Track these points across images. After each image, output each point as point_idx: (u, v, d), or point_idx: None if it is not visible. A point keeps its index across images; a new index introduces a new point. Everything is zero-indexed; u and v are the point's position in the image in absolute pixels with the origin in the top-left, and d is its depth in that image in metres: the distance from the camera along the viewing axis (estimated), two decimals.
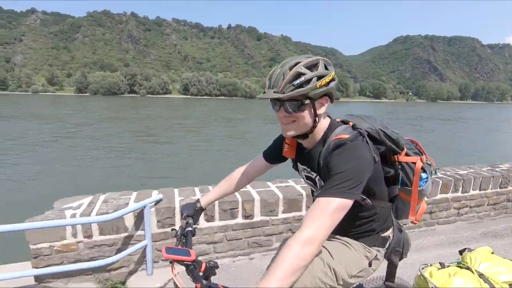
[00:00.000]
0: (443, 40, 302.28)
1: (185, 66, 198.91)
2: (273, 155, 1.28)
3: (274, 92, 0.95)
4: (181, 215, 1.26)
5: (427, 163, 1.15)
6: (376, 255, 1.18)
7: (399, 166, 1.14)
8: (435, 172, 1.18)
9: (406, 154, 1.13)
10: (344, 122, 1.09)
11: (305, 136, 1.05)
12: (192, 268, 0.93)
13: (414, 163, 1.12)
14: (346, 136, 0.99)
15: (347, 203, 0.90)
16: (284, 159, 1.25)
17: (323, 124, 1.06)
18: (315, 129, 1.04)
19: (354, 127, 1.03)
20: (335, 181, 0.90)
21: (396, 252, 1.19)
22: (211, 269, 0.95)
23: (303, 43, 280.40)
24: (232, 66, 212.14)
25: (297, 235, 0.84)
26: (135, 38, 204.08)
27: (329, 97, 1.03)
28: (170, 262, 0.97)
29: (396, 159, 1.13)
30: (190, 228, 1.16)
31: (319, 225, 0.85)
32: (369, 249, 1.17)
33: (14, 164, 13.46)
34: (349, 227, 1.15)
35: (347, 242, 1.17)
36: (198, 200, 1.32)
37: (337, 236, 1.18)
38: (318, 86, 0.96)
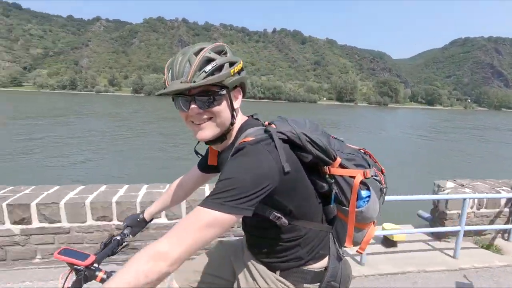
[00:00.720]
0: (510, 42, 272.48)
1: None
2: (204, 163, 1.10)
3: (182, 82, 0.77)
4: (123, 225, 1.19)
5: (376, 179, 0.92)
6: None
7: (332, 180, 0.91)
8: (383, 191, 0.94)
9: (342, 166, 0.89)
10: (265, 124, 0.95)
11: (222, 137, 0.90)
12: (81, 273, 0.87)
13: (353, 177, 0.88)
14: (251, 138, 0.83)
15: (225, 218, 0.71)
16: (215, 168, 1.04)
17: (237, 123, 0.91)
18: (232, 127, 0.90)
19: (266, 130, 0.86)
20: (216, 190, 0.74)
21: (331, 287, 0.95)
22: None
23: (348, 46, 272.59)
24: (275, 69, 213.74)
25: (149, 247, 0.69)
26: (185, 42, 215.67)
27: (242, 89, 0.90)
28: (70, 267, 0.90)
29: (328, 171, 0.90)
30: (118, 237, 1.09)
31: (179, 240, 0.69)
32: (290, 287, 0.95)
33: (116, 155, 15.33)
34: (268, 254, 0.96)
35: (253, 284, 0.98)
36: (142, 212, 1.24)
37: (252, 268, 1.00)
38: (231, 74, 0.81)
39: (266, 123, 0.94)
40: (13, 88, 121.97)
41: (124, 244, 1.10)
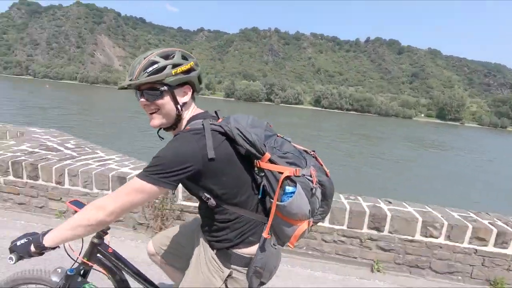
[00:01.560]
0: None
1: (316, 78, 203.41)
2: None
3: (130, 80, 0.97)
4: None
5: (308, 179, 0.96)
6: (232, 274, 1.05)
7: (262, 174, 1.00)
8: (314, 191, 0.96)
9: (271, 161, 0.97)
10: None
11: (173, 126, 1.06)
12: None
13: (281, 173, 0.95)
14: (187, 129, 1.00)
15: (149, 187, 0.91)
16: None
17: (187, 115, 1.06)
18: (181, 118, 1.05)
19: (203, 123, 0.99)
20: (148, 165, 0.94)
21: (257, 274, 1.02)
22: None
23: (456, 57, 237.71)
24: (365, 80, 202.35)
25: (96, 200, 0.96)
26: (275, 51, 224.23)
27: (191, 86, 1.05)
28: None
29: (258, 164, 0.99)
30: None
31: (115, 198, 0.93)
32: (220, 266, 1.05)
33: None
34: (207, 229, 1.10)
35: (199, 255, 1.12)
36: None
37: (201, 244, 1.13)
38: (173, 73, 0.97)
39: (220, 119, 1.05)
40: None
41: None
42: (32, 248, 0.98)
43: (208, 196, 0.99)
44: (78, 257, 1.17)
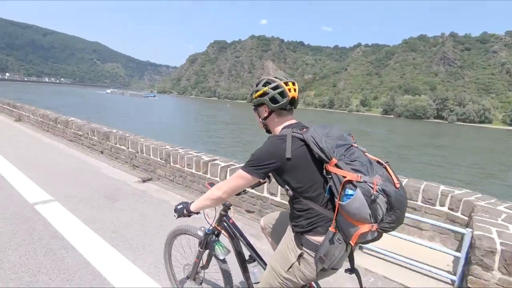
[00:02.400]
0: None
1: None
2: None
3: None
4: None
5: (369, 185, 1.07)
6: (303, 255, 1.27)
7: (329, 176, 1.17)
8: (374, 197, 1.06)
9: (337, 166, 1.14)
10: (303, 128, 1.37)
11: (268, 132, 1.45)
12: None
13: (344, 176, 1.11)
14: (277, 134, 1.36)
15: (244, 174, 1.29)
16: None
17: (279, 125, 1.39)
18: (268, 127, 1.44)
19: (286, 131, 1.30)
20: (248, 159, 1.31)
21: (321, 260, 1.20)
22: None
23: None
24: None
25: (218, 183, 1.45)
26: (448, 59, 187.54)
27: (267, 106, 1.37)
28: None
29: (326, 167, 1.18)
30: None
31: (227, 182, 1.38)
32: (295, 246, 1.30)
33: None
34: (290, 215, 1.37)
35: (286, 234, 1.40)
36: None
37: (289, 227, 1.40)
38: (253, 97, 1.41)
39: (304, 129, 1.32)
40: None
41: (246, 191, 1.79)
42: (185, 211, 1.56)
43: (287, 188, 1.28)
44: (212, 222, 1.71)
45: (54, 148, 6.53)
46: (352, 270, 1.32)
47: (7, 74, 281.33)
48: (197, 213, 1.56)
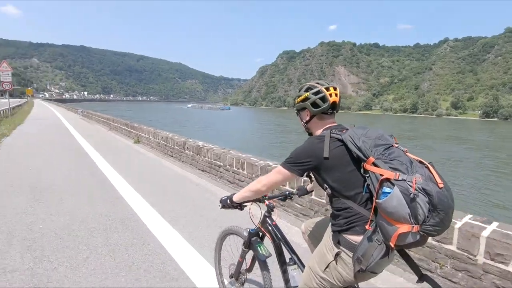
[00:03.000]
0: None
1: None
2: None
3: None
4: (295, 189, 1.98)
5: (408, 184, 1.05)
6: (341, 254, 1.26)
7: (367, 174, 1.19)
8: (412, 196, 1.04)
9: (374, 164, 1.15)
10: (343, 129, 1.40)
11: (310, 133, 1.50)
12: (269, 205, 1.73)
13: (382, 175, 1.11)
14: (316, 135, 1.42)
15: (283, 170, 1.37)
16: None
17: (320, 127, 1.43)
18: (310, 130, 1.49)
19: (325, 133, 1.36)
20: (287, 157, 1.39)
21: (358, 260, 1.18)
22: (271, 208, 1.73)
23: None
24: None
25: (259, 177, 1.58)
26: None
27: (308, 110, 1.43)
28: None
29: (364, 166, 1.20)
30: (291, 193, 1.87)
31: (267, 176, 1.45)
32: (332, 245, 1.30)
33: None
34: (331, 213, 1.38)
35: (325, 234, 1.41)
36: (307, 185, 1.94)
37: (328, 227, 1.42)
38: (296, 103, 1.48)
39: (343, 131, 1.35)
40: (364, 111, 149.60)
41: (292, 197, 1.86)
42: (228, 201, 1.65)
43: (326, 186, 1.32)
44: (256, 222, 1.77)
45: (183, 178, 5.55)
46: (420, 278, 1.21)
47: (111, 95, 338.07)
48: (240, 206, 1.66)
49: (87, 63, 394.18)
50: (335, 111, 1.44)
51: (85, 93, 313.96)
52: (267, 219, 1.74)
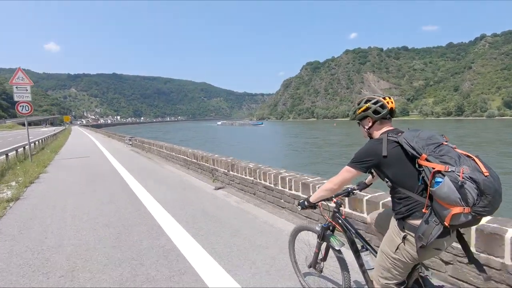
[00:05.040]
0: None
1: None
2: None
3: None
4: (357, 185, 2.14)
5: (456, 174, 1.26)
6: (407, 237, 1.48)
7: (421, 168, 1.40)
8: (460, 183, 1.24)
9: (427, 160, 1.37)
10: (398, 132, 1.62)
11: (370, 138, 1.73)
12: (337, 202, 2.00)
13: (434, 168, 1.32)
14: (376, 138, 1.66)
15: (350, 169, 1.61)
16: None
17: (379, 132, 1.66)
18: (371, 134, 1.71)
19: (383, 136, 1.59)
20: (352, 157, 1.63)
21: (419, 238, 1.38)
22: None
23: None
24: None
25: (331, 178, 1.76)
26: None
27: (371, 118, 1.68)
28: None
29: (418, 162, 1.42)
30: (353, 190, 2.09)
31: (337, 176, 1.68)
32: (399, 230, 1.51)
33: None
34: (392, 204, 1.60)
35: (391, 222, 1.62)
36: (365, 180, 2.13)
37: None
38: (357, 113, 1.74)
39: (399, 134, 1.57)
40: (401, 117, 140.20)
41: (354, 193, 2.09)
42: (306, 203, 1.94)
43: (387, 180, 1.55)
44: (327, 218, 2.02)
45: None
46: (470, 260, 1.43)
47: (142, 117, 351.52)
48: (315, 206, 1.93)
49: (119, 89, 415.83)
50: (391, 117, 1.70)
51: (118, 117, 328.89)
52: (337, 214, 2.00)
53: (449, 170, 1.28)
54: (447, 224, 1.31)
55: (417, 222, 1.44)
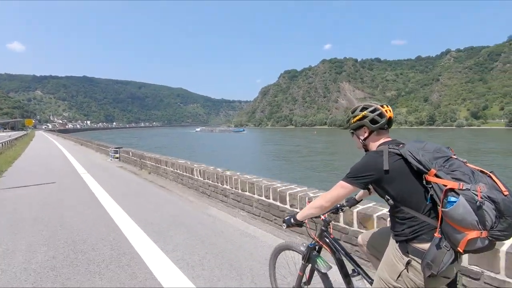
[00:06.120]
0: None
1: None
2: None
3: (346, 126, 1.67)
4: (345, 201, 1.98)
5: (473, 193, 1.10)
6: (411, 262, 1.28)
7: (430, 185, 1.23)
8: (478, 204, 1.08)
9: (437, 176, 1.20)
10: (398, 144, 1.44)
11: (366, 151, 1.56)
12: (325, 221, 1.79)
13: (445, 185, 1.16)
14: (374, 150, 1.48)
15: (345, 185, 1.42)
16: None
17: (376, 143, 1.50)
18: (367, 147, 1.55)
19: (382, 148, 1.41)
20: (347, 172, 1.44)
21: (428, 266, 1.19)
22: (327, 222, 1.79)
23: None
24: None
25: (321, 194, 1.66)
26: None
27: (367, 127, 1.52)
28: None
29: (426, 178, 1.25)
30: (342, 207, 1.97)
31: (329, 192, 1.49)
32: (401, 255, 1.32)
33: None
34: (392, 225, 1.42)
35: (389, 245, 1.43)
36: (355, 196, 2.00)
37: (391, 238, 1.42)
38: (352, 122, 1.57)
39: (400, 145, 1.40)
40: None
41: (343, 210, 1.96)
42: (292, 221, 1.72)
43: (388, 197, 1.36)
44: (314, 237, 1.82)
45: None
46: (450, 284, 1.32)
47: (114, 123, 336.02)
48: (302, 224, 1.72)
49: (90, 92, 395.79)
50: (389, 127, 1.55)
51: (88, 122, 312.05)
52: (325, 233, 1.79)
53: (464, 188, 1.12)
54: (461, 250, 1.15)
55: (424, 246, 1.26)
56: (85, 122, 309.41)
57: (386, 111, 1.51)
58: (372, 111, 1.50)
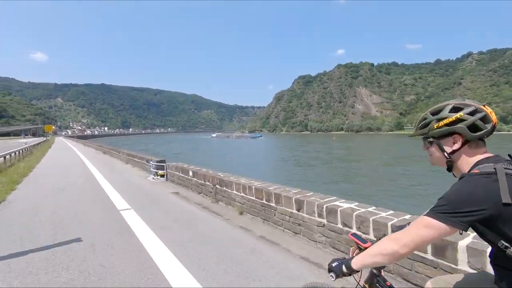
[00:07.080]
0: None
1: None
2: None
3: (414, 131, 1.21)
4: None
5: None
6: None
7: None
8: None
9: None
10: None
11: (448, 169, 1.13)
12: (361, 250, 1.27)
13: None
14: (476, 171, 0.99)
15: (434, 223, 0.95)
16: None
17: (471, 159, 1.06)
18: (454, 163, 1.10)
19: (495, 166, 0.96)
20: (435, 204, 0.98)
21: None
22: None
23: None
24: None
25: (391, 234, 1.11)
26: None
27: (461, 135, 1.06)
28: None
29: None
30: None
31: (407, 233, 1.01)
32: None
33: None
34: (505, 282, 0.99)
35: None
36: None
37: None
38: (435, 127, 1.09)
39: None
40: (397, 131, 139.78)
41: None
42: (344, 269, 1.17)
43: (507, 244, 0.92)
44: (360, 281, 1.33)
45: None
46: None
47: (130, 129, 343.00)
48: (358, 270, 1.19)
49: (108, 99, 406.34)
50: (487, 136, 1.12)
51: (106, 128, 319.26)
52: (377, 278, 1.32)
53: None
54: None
55: None
56: (103, 128, 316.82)
57: (490, 113, 1.06)
58: (472, 113, 1.05)
